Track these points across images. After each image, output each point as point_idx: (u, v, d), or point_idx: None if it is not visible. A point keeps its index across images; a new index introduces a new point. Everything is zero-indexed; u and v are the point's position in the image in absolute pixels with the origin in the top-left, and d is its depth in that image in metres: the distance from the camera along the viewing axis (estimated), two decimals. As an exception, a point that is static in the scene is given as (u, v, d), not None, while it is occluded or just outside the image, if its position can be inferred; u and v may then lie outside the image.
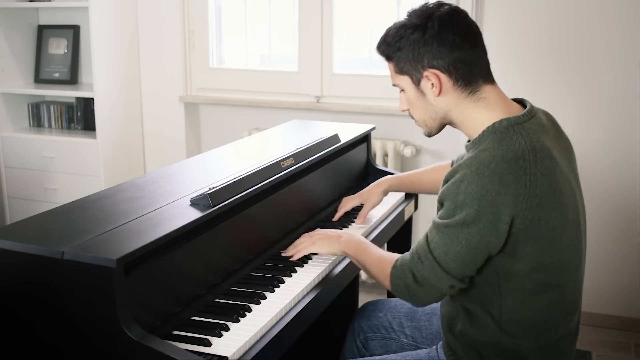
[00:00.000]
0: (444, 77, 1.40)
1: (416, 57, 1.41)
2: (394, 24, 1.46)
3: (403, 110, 1.54)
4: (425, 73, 1.41)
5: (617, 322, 2.93)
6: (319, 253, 1.71)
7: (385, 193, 2.07)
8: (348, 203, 2.06)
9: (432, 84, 1.41)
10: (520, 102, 1.48)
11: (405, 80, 1.46)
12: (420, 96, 1.45)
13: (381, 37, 1.48)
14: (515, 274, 1.36)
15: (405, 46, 1.41)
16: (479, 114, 1.41)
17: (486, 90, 1.42)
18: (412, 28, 1.40)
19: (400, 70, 1.45)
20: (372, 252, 1.58)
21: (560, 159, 1.40)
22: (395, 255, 1.50)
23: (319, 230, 1.75)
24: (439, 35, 1.38)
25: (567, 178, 1.40)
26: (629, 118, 2.76)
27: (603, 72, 2.76)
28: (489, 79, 1.44)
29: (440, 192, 1.40)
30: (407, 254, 1.45)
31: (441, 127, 1.51)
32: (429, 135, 1.54)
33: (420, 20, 1.40)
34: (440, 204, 1.40)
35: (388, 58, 1.48)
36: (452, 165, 1.83)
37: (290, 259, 1.71)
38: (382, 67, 3.29)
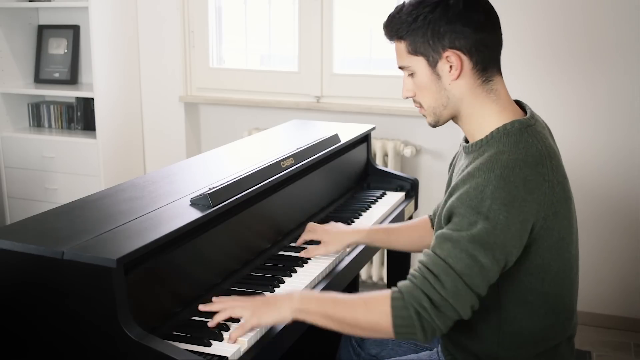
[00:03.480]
0: (465, 59, 1.32)
1: (436, 37, 1.31)
2: (407, 2, 1.37)
3: (406, 98, 1.43)
4: (446, 54, 1.32)
5: (617, 322, 2.93)
6: (260, 325, 1.36)
7: (349, 246, 1.81)
8: (309, 234, 1.81)
9: (451, 66, 1.33)
10: (517, 103, 1.44)
11: (418, 62, 1.35)
12: (434, 80, 1.35)
13: (391, 16, 1.39)
14: (519, 283, 1.32)
15: (423, 25, 1.32)
16: (488, 109, 1.35)
17: (497, 82, 1.37)
18: (432, 6, 1.31)
19: (414, 50, 1.35)
20: (348, 298, 1.31)
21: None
22: (385, 291, 1.29)
23: (257, 297, 1.41)
24: (464, 13, 1.30)
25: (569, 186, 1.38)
26: (629, 119, 2.76)
27: (604, 73, 2.76)
28: (500, 69, 1.38)
29: (450, 201, 1.29)
30: (406, 282, 1.28)
31: (449, 118, 1.40)
32: (435, 125, 1.42)
33: None
34: (449, 217, 1.29)
35: (400, 38, 1.37)
36: (430, 220, 1.75)
37: (209, 323, 1.38)
38: (382, 67, 3.32)
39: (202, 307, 1.42)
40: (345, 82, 3.24)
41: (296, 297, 1.34)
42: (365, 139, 2.45)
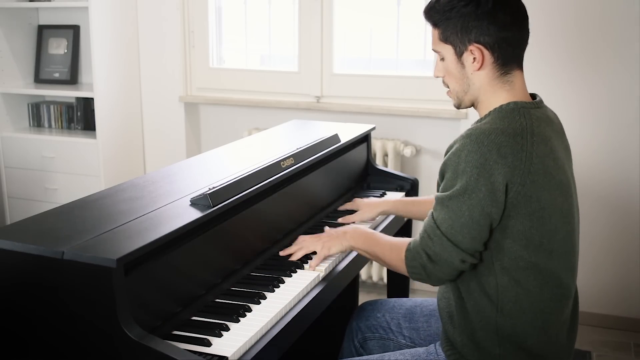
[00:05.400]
0: (487, 54, 1.44)
1: (464, 30, 1.43)
2: None
3: (437, 77, 1.56)
4: (471, 47, 1.44)
5: (617, 322, 2.93)
6: (330, 254, 1.71)
7: (382, 214, 2.06)
8: (348, 205, 2.10)
9: (474, 58, 1.45)
10: (533, 96, 1.53)
11: (447, 50, 1.48)
12: (459, 67, 1.48)
13: (431, 3, 1.50)
14: (507, 251, 1.40)
15: (455, 17, 1.44)
16: (499, 96, 1.46)
17: (516, 75, 1.48)
18: (466, 1, 1.43)
19: (445, 39, 1.48)
20: (383, 240, 1.59)
21: (559, 151, 1.44)
22: (407, 240, 1.52)
23: (322, 234, 1.75)
24: (491, 12, 1.41)
25: (562, 168, 1.43)
26: (629, 119, 2.76)
27: (604, 73, 2.76)
28: (521, 64, 1.50)
29: (442, 163, 1.44)
30: (417, 236, 1.48)
31: (470, 103, 1.53)
32: (458, 107, 1.56)
33: None
34: (441, 177, 1.44)
35: (435, 25, 1.49)
36: None
37: (289, 259, 1.70)
38: (382, 67, 3.32)
39: (282, 253, 1.72)
40: (345, 82, 3.24)
41: (349, 235, 1.66)
42: (365, 139, 2.45)
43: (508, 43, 1.43)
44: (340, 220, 2.01)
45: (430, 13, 1.50)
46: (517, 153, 1.34)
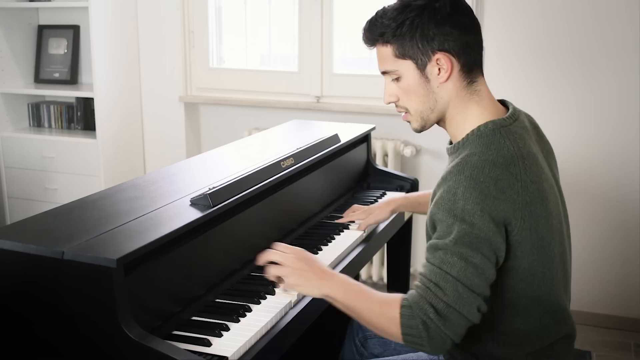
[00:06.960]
0: (454, 60, 1.34)
1: (425, 40, 1.33)
2: (389, 7, 1.38)
3: (389, 103, 1.45)
4: (436, 56, 1.33)
5: (617, 322, 2.93)
6: (295, 291, 1.47)
7: (394, 212, 2.02)
8: (353, 215, 2.01)
9: (440, 69, 1.34)
10: (502, 102, 1.46)
11: (406, 66, 1.37)
12: (422, 83, 1.37)
13: (372, 20, 1.39)
14: (508, 289, 1.33)
15: (411, 29, 1.33)
16: (470, 111, 1.38)
17: (480, 83, 1.39)
18: (418, 10, 1.33)
19: (402, 54, 1.36)
20: (369, 295, 1.33)
21: (544, 164, 1.39)
22: (399, 295, 1.30)
23: (300, 253, 1.44)
24: (451, 16, 1.32)
25: (551, 185, 1.38)
26: (629, 119, 2.76)
27: (604, 74, 2.76)
28: (482, 71, 1.41)
29: (430, 209, 1.32)
30: (412, 292, 1.28)
31: (436, 121, 1.43)
32: (421, 130, 1.45)
33: (425, 1, 1.33)
34: (432, 224, 1.32)
35: (385, 42, 1.38)
36: None
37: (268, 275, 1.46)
38: (382, 67, 3.32)
39: (259, 260, 1.46)
40: (345, 82, 3.24)
41: (328, 282, 1.36)
42: (365, 139, 2.45)
43: (471, 46, 1.35)
44: (353, 228, 1.93)
45: (374, 31, 1.39)
46: (513, 185, 1.26)
